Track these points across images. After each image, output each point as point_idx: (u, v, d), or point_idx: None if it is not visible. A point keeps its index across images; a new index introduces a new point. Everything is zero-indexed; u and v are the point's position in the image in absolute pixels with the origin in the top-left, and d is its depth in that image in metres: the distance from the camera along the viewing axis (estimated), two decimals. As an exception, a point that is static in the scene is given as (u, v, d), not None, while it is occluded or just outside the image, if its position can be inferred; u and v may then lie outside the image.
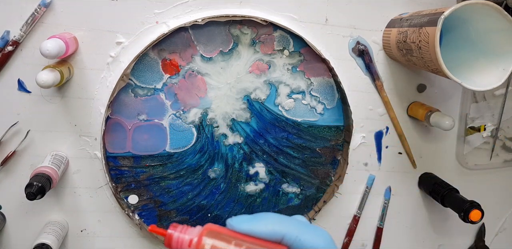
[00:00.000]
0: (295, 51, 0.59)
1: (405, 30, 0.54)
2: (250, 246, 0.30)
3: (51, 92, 0.55)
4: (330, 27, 0.60)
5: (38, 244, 0.51)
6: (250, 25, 0.57)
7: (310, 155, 0.62)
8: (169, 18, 0.56)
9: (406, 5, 0.61)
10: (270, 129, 0.61)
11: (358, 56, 0.61)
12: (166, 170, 0.59)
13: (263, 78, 0.59)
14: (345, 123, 0.62)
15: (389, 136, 0.64)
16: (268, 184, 0.62)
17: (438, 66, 0.49)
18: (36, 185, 0.48)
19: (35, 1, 0.52)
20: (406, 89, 0.64)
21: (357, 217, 0.65)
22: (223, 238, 0.30)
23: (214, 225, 0.31)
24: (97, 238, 0.60)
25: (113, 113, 0.56)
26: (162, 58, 0.56)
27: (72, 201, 0.58)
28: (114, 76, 0.56)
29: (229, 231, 0.31)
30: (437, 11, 0.50)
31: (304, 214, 0.64)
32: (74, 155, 0.57)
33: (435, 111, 0.59)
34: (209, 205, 0.61)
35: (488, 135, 0.66)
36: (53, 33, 0.53)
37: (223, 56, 0.57)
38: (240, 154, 0.61)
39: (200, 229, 0.31)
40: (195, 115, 0.58)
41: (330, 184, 0.63)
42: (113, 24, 0.55)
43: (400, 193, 0.66)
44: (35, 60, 0.54)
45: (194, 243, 0.30)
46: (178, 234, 0.31)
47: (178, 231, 0.31)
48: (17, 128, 0.55)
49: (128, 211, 0.58)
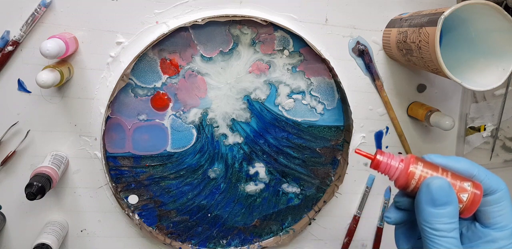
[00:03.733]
0: (295, 51, 0.59)
1: (405, 30, 0.54)
2: (454, 174, 0.35)
3: (51, 92, 0.55)
4: (330, 27, 0.60)
5: (38, 244, 0.51)
6: (250, 25, 0.57)
7: (310, 155, 0.62)
8: (169, 18, 0.56)
9: (406, 5, 0.61)
10: (270, 129, 0.61)
11: (358, 56, 0.61)
12: (166, 170, 0.59)
13: (263, 78, 0.59)
14: (345, 123, 0.62)
15: (389, 136, 0.64)
16: (268, 184, 0.62)
17: (438, 66, 0.49)
18: (36, 185, 0.48)
19: (35, 1, 0.52)
20: (406, 89, 0.64)
21: (357, 217, 0.65)
22: (429, 165, 0.35)
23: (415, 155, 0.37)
24: (97, 238, 0.60)
25: (113, 113, 0.56)
26: (161, 58, 0.56)
27: (72, 201, 0.58)
28: (114, 76, 0.56)
29: (429, 162, 0.36)
30: (437, 11, 0.50)
31: (304, 214, 0.64)
32: (74, 155, 0.57)
33: (435, 111, 0.59)
34: (209, 205, 0.61)
35: (488, 135, 0.66)
36: (53, 33, 0.53)
37: (223, 56, 0.57)
38: (240, 154, 0.61)
39: (408, 156, 0.36)
40: (195, 115, 0.58)
41: (330, 184, 0.63)
42: (113, 24, 0.55)
43: (400, 193, 0.66)
44: (35, 60, 0.54)
45: (402, 167, 0.36)
46: (387, 159, 0.36)
47: (386, 156, 0.37)
48: (17, 128, 0.55)
49: (128, 211, 0.58)
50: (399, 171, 0.36)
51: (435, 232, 0.34)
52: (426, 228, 0.34)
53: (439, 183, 0.34)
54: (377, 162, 0.37)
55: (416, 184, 0.35)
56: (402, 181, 0.36)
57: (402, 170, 0.36)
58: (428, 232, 0.34)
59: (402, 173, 0.36)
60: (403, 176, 0.36)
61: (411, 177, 0.35)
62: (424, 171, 0.35)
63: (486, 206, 0.36)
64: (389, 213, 0.39)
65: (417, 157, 0.36)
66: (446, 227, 0.34)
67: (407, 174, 0.35)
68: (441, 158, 0.37)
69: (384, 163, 0.36)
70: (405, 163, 0.36)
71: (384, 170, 0.37)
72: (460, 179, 0.36)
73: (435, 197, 0.34)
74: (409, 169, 0.35)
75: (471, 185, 0.35)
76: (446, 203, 0.34)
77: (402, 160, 0.36)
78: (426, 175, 0.35)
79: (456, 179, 0.36)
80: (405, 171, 0.36)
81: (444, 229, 0.34)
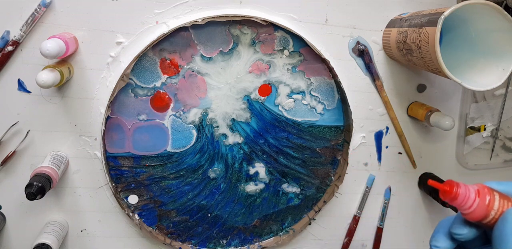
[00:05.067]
0: (295, 51, 0.59)
1: (405, 30, 0.54)
2: None
3: (51, 92, 0.55)
4: (330, 27, 0.60)
5: (38, 244, 0.51)
6: (250, 25, 0.57)
7: (310, 155, 0.62)
8: (169, 18, 0.56)
9: (406, 5, 0.61)
10: (270, 129, 0.61)
11: (358, 56, 0.61)
12: (166, 170, 0.59)
13: (263, 78, 0.59)
14: (345, 123, 0.62)
15: (389, 136, 0.64)
16: (268, 184, 0.62)
17: (438, 66, 0.49)
18: (36, 185, 0.48)
19: (35, 1, 0.52)
20: (406, 89, 0.64)
21: (357, 217, 0.65)
22: (502, 195, 0.35)
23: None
24: (97, 238, 0.60)
25: (113, 113, 0.56)
26: (161, 58, 0.56)
27: (72, 201, 0.58)
28: (114, 76, 0.56)
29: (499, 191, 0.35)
30: (437, 11, 0.50)
31: (304, 214, 0.64)
32: (74, 155, 0.57)
33: (435, 111, 0.59)
34: (209, 205, 0.61)
35: (488, 135, 0.66)
36: (53, 33, 0.53)
37: (223, 56, 0.57)
38: (240, 154, 0.61)
39: (480, 186, 0.35)
40: (195, 115, 0.58)
41: (330, 184, 0.63)
42: (113, 24, 0.55)
43: (400, 193, 0.66)
44: (35, 60, 0.54)
45: (481, 199, 0.34)
46: (465, 190, 0.35)
47: (462, 188, 0.35)
48: (17, 128, 0.55)
49: (128, 211, 0.58)
50: (478, 203, 0.35)
51: None
52: None
53: None
54: (454, 195, 0.35)
55: (495, 215, 0.34)
56: (480, 214, 0.35)
57: (481, 202, 0.34)
58: None
59: (480, 205, 0.34)
60: (482, 208, 0.34)
61: (490, 208, 0.34)
62: (502, 202, 0.35)
63: None
64: (438, 242, 0.37)
65: (489, 187, 0.36)
66: None
67: (487, 205, 0.34)
68: (499, 184, 0.36)
69: (462, 195, 0.35)
70: (481, 194, 0.35)
71: (461, 203, 0.35)
72: None
73: None
74: (486, 200, 0.34)
75: None
76: None
77: (478, 190, 0.35)
78: (504, 205, 0.35)
79: None
80: (483, 202, 0.34)
81: None
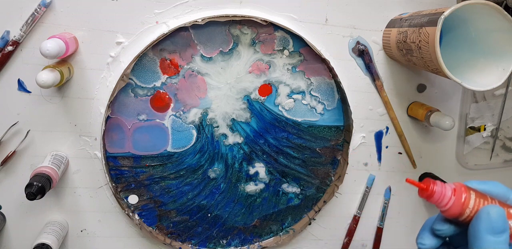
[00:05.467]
0: (295, 51, 0.59)
1: (405, 30, 0.54)
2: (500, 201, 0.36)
3: (51, 92, 0.55)
4: (330, 27, 0.60)
5: (38, 244, 0.51)
6: (250, 25, 0.57)
7: (310, 155, 0.62)
8: (169, 18, 0.56)
9: (406, 5, 0.61)
10: (270, 129, 0.61)
11: (358, 56, 0.61)
12: (166, 170, 0.59)
13: (263, 78, 0.59)
14: (345, 123, 0.62)
15: (389, 136, 0.64)
16: (268, 184, 0.62)
17: (438, 66, 0.49)
18: (36, 185, 0.48)
19: (35, 1, 0.52)
20: (406, 89, 0.64)
21: (357, 217, 0.65)
22: (479, 194, 0.36)
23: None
24: (97, 238, 0.60)
25: (113, 113, 0.56)
26: (161, 58, 0.56)
27: (72, 201, 0.58)
28: (114, 76, 0.56)
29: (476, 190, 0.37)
30: (437, 11, 0.50)
31: (304, 214, 0.64)
32: (74, 155, 0.57)
33: (435, 111, 0.59)
34: (209, 205, 0.61)
35: (488, 135, 0.66)
36: (53, 33, 0.53)
37: (223, 56, 0.57)
38: (240, 154, 0.61)
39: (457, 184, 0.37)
40: (195, 115, 0.58)
41: (330, 184, 0.63)
42: (113, 24, 0.55)
43: (400, 193, 0.66)
44: (35, 60, 0.54)
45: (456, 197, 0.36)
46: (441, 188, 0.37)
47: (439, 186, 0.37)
48: (17, 128, 0.55)
49: (128, 211, 0.58)
50: (453, 201, 0.36)
51: None
52: None
53: (499, 211, 0.34)
54: (430, 193, 0.37)
55: (470, 213, 0.36)
56: (455, 211, 0.36)
57: (456, 200, 0.36)
58: None
59: (456, 203, 0.36)
60: (457, 205, 0.36)
61: (465, 206, 0.36)
62: (477, 200, 0.36)
63: None
64: (423, 239, 0.39)
65: (466, 186, 0.37)
66: None
67: (462, 203, 0.36)
68: (480, 184, 0.38)
69: (438, 193, 0.37)
70: (458, 192, 0.36)
71: (438, 200, 0.37)
72: (506, 206, 0.36)
73: (495, 225, 0.34)
74: (462, 198, 0.36)
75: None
76: (503, 230, 0.34)
77: (454, 189, 0.37)
78: (480, 203, 0.36)
79: (503, 206, 0.36)
80: (458, 200, 0.36)
81: None
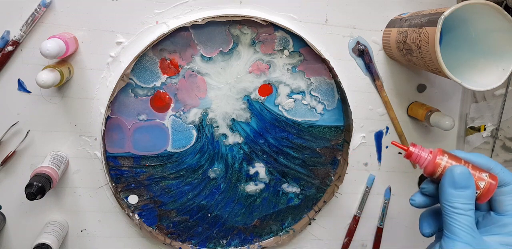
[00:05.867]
0: (295, 51, 0.59)
1: (405, 30, 0.54)
2: (474, 166, 0.42)
3: (51, 92, 0.55)
4: (330, 27, 0.60)
5: (38, 244, 0.51)
6: (250, 25, 0.57)
7: (310, 155, 0.62)
8: (169, 18, 0.56)
9: (406, 5, 0.61)
10: (270, 129, 0.61)
11: (358, 56, 0.61)
12: (166, 170, 0.59)
13: (263, 78, 0.59)
14: (345, 123, 0.62)
15: (389, 136, 0.64)
16: (268, 184, 0.62)
17: (438, 66, 0.49)
18: (36, 185, 0.48)
19: (35, 1, 0.52)
20: (406, 89, 0.64)
21: (357, 217, 0.65)
22: (453, 157, 0.43)
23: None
24: (97, 238, 0.60)
25: (113, 113, 0.56)
26: (161, 58, 0.56)
27: (72, 201, 0.58)
28: (114, 76, 0.56)
29: (454, 155, 0.43)
30: (437, 11, 0.50)
31: (304, 214, 0.64)
32: (74, 155, 0.57)
33: (435, 111, 0.59)
34: (209, 205, 0.61)
35: (488, 135, 0.66)
36: (53, 33, 0.53)
37: (223, 56, 0.57)
38: (240, 154, 0.61)
39: (436, 149, 0.44)
40: (195, 115, 0.58)
41: (330, 184, 0.63)
42: (113, 24, 0.55)
43: (400, 193, 0.66)
44: (35, 60, 0.54)
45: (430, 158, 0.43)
46: (418, 150, 0.44)
47: (417, 148, 0.44)
48: (17, 128, 0.55)
49: (128, 211, 0.58)
50: (427, 161, 0.43)
51: (454, 210, 0.40)
52: (447, 206, 0.41)
53: (461, 170, 0.41)
54: (409, 153, 0.44)
55: (441, 172, 0.42)
56: (429, 169, 0.43)
57: (430, 160, 0.43)
58: (448, 209, 0.41)
59: (430, 163, 0.43)
60: (430, 165, 0.43)
61: (437, 166, 0.42)
62: (449, 162, 0.42)
63: (500, 195, 0.42)
64: (414, 197, 0.46)
65: (444, 150, 0.43)
66: (464, 206, 0.40)
67: (434, 163, 0.42)
68: (464, 153, 0.44)
69: (416, 154, 0.44)
70: (433, 155, 0.43)
71: (415, 160, 0.44)
72: (479, 170, 0.42)
73: (456, 181, 0.40)
74: (436, 159, 0.42)
75: (488, 176, 0.42)
76: (465, 186, 0.40)
77: (431, 152, 0.43)
78: (450, 164, 0.42)
79: (476, 170, 0.42)
80: (432, 160, 0.43)
81: (462, 208, 0.40)
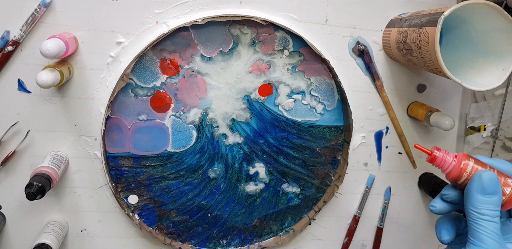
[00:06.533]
0: (295, 51, 0.59)
1: (405, 30, 0.54)
2: (498, 172, 0.41)
3: (51, 92, 0.55)
4: (330, 27, 0.60)
5: (38, 244, 0.51)
6: (250, 25, 0.57)
7: (310, 155, 0.62)
8: (169, 18, 0.56)
9: (406, 5, 0.61)
10: (270, 129, 0.61)
11: (358, 56, 0.61)
12: (166, 170, 0.59)
13: (263, 78, 0.59)
14: (345, 123, 0.62)
15: (389, 136, 0.64)
16: (268, 184, 0.62)
17: (438, 66, 0.49)
18: (36, 185, 0.48)
19: (35, 1, 0.52)
20: (406, 89, 0.64)
21: (357, 217, 0.65)
22: (479, 162, 0.42)
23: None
24: (97, 238, 0.60)
25: (113, 113, 0.56)
26: (161, 58, 0.56)
27: (72, 201, 0.58)
28: (114, 76, 0.56)
29: (478, 160, 0.42)
30: (437, 11, 0.50)
31: (304, 214, 0.64)
32: (74, 155, 0.57)
33: (435, 111, 0.59)
34: (209, 205, 0.61)
35: (488, 135, 0.66)
36: (53, 33, 0.53)
37: (223, 56, 0.57)
38: (240, 154, 0.61)
39: (461, 153, 0.43)
40: (195, 115, 0.58)
41: (330, 184, 0.63)
42: (113, 24, 0.55)
43: (400, 193, 0.66)
44: (35, 60, 0.54)
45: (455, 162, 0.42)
46: (443, 154, 0.43)
47: (442, 152, 0.43)
48: (17, 128, 0.55)
49: (128, 211, 0.58)
50: (452, 166, 0.42)
51: (481, 216, 0.39)
52: (474, 213, 0.40)
53: (490, 175, 0.40)
54: (433, 157, 0.43)
55: (467, 176, 0.41)
56: (454, 174, 0.42)
57: (455, 165, 0.42)
58: (475, 216, 0.40)
59: (455, 168, 0.42)
60: (456, 169, 0.42)
61: (463, 170, 0.41)
62: (475, 167, 0.41)
63: None
64: (434, 203, 0.44)
65: (468, 155, 0.42)
66: (491, 212, 0.39)
67: (460, 168, 0.41)
68: (487, 158, 0.43)
69: (440, 158, 0.43)
70: (458, 159, 0.42)
71: (439, 164, 0.43)
72: (504, 176, 0.41)
73: (485, 186, 0.39)
74: (462, 164, 0.41)
75: None
76: (493, 192, 0.39)
77: (456, 156, 0.42)
78: (476, 170, 0.41)
79: (501, 175, 0.41)
80: (458, 165, 0.42)
81: (489, 214, 0.39)
